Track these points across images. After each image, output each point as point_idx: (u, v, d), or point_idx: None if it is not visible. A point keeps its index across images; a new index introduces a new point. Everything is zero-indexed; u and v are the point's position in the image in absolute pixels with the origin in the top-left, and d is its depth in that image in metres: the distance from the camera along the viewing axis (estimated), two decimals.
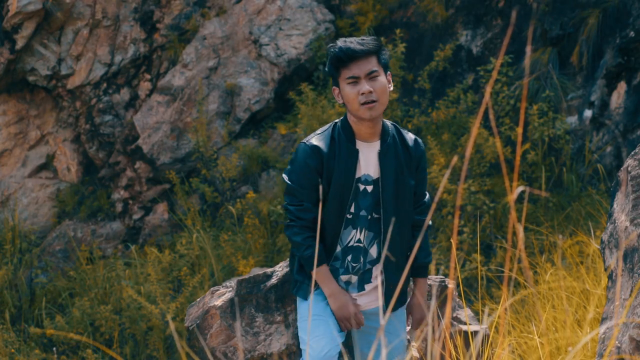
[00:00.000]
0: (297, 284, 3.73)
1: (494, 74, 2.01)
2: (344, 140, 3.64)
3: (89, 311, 8.72)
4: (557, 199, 8.11)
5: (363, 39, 3.62)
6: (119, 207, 10.29)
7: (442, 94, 9.42)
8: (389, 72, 3.67)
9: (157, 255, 9.15)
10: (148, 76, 10.62)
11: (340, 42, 3.62)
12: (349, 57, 3.58)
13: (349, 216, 3.66)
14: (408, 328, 3.84)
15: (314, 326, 3.61)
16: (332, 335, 3.60)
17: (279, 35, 10.25)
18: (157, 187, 10.20)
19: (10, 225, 10.13)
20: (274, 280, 4.14)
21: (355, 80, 3.58)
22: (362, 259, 3.69)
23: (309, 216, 3.62)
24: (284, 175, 3.72)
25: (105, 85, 10.56)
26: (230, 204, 9.55)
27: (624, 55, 8.26)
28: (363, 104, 3.56)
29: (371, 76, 3.59)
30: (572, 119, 8.56)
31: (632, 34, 8.26)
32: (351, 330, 3.80)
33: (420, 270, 3.78)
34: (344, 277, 3.70)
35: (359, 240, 3.69)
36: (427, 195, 3.83)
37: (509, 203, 8.10)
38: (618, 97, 8.25)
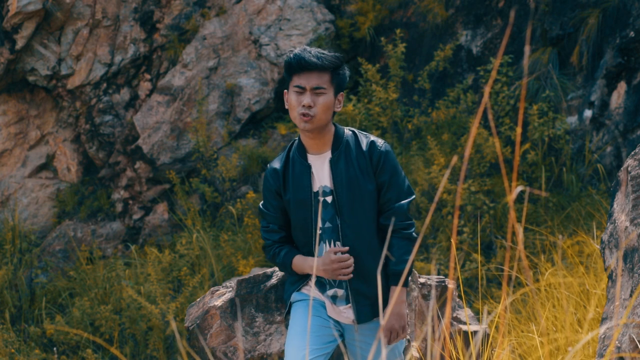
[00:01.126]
0: (285, 305, 3.85)
1: (493, 74, 2.01)
2: (297, 157, 3.69)
3: (89, 311, 8.72)
4: (557, 199, 8.11)
5: (323, 54, 3.60)
6: (119, 207, 10.29)
7: (442, 94, 9.42)
8: (341, 93, 3.64)
9: (157, 255, 9.15)
10: (148, 76, 10.62)
11: (299, 50, 3.63)
12: (300, 66, 3.58)
13: (320, 231, 3.67)
14: (383, 340, 3.72)
15: (297, 338, 3.62)
16: (313, 347, 3.61)
17: (279, 35, 10.25)
18: (157, 187, 10.20)
19: (10, 225, 10.13)
20: (274, 281, 4.14)
21: (301, 90, 3.59)
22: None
23: (275, 237, 3.75)
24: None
25: (105, 85, 10.56)
26: (230, 204, 9.56)
27: (624, 55, 8.26)
28: (301, 114, 3.57)
29: (316, 91, 3.58)
30: (572, 119, 8.56)
31: (632, 34, 8.26)
32: (345, 344, 3.78)
33: (391, 278, 3.64)
34: (330, 292, 3.71)
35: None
36: (406, 201, 3.66)
37: (509, 203, 8.10)
38: (618, 97, 8.25)
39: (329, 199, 3.65)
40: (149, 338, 8.43)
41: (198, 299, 4.35)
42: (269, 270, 4.22)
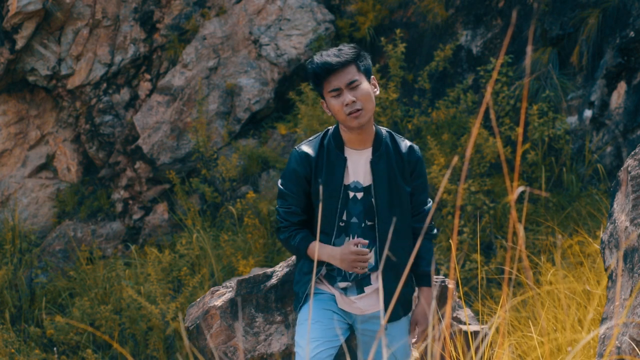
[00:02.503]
0: (296, 296, 3.80)
1: (494, 74, 2.01)
2: (333, 148, 3.67)
3: (89, 311, 8.72)
4: (557, 199, 8.11)
5: (340, 49, 3.62)
6: (119, 207, 10.29)
7: (442, 94, 9.42)
8: (372, 77, 3.67)
9: (157, 255, 9.14)
10: (148, 76, 10.62)
11: (317, 57, 3.62)
12: (326, 70, 3.58)
13: (341, 224, 3.68)
14: (413, 340, 3.79)
15: (306, 330, 3.63)
16: (322, 339, 3.61)
17: (279, 35, 10.25)
18: (157, 187, 10.20)
19: (10, 225, 10.13)
20: (274, 281, 4.14)
21: (338, 92, 3.59)
22: None
23: (295, 219, 3.71)
24: (279, 180, 3.79)
25: (105, 85, 10.56)
26: (230, 204, 9.55)
27: (624, 55, 8.26)
28: (349, 114, 3.57)
29: (352, 86, 3.58)
30: (572, 119, 8.56)
31: (632, 34, 8.26)
32: (355, 334, 3.79)
33: (422, 279, 3.76)
34: (341, 284, 3.71)
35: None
36: (430, 203, 3.81)
37: (509, 203, 8.10)
38: (618, 97, 8.25)
39: (360, 195, 3.67)
40: (149, 338, 8.43)
41: (198, 299, 4.35)
42: (269, 270, 4.22)
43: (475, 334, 4.24)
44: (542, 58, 8.82)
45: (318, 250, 3.64)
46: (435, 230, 3.81)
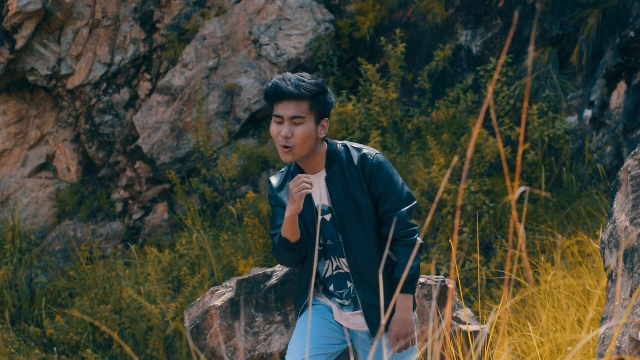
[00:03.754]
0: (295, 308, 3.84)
1: (496, 74, 2.01)
2: (295, 176, 3.65)
3: (89, 311, 8.72)
4: (557, 199, 8.11)
5: (303, 81, 3.52)
6: (119, 207, 10.29)
7: (442, 94, 9.42)
8: (325, 119, 3.57)
9: (157, 255, 9.14)
10: (148, 76, 10.62)
11: (278, 78, 3.56)
12: (277, 95, 3.53)
13: (320, 248, 3.65)
14: (392, 348, 3.66)
15: (300, 337, 3.63)
16: (313, 346, 3.61)
17: (279, 35, 10.25)
18: (157, 187, 10.20)
19: (10, 225, 10.13)
20: (274, 281, 4.14)
21: (280, 120, 3.55)
22: (349, 284, 3.67)
23: (280, 230, 3.70)
24: None
25: (105, 85, 10.55)
26: (230, 204, 9.55)
27: (624, 55, 8.26)
28: (281, 145, 3.54)
29: (295, 121, 3.52)
30: (572, 119, 8.56)
31: (632, 34, 8.26)
32: (356, 350, 3.78)
33: (395, 286, 3.59)
34: (337, 300, 3.71)
35: (337, 268, 3.68)
36: (405, 208, 3.59)
37: (510, 203, 8.10)
38: (618, 97, 8.25)
39: (328, 217, 3.64)
40: (149, 338, 8.43)
41: (198, 299, 4.34)
42: (269, 270, 4.22)
43: (475, 334, 4.24)
44: (542, 58, 8.82)
45: (284, 224, 3.58)
46: (415, 236, 3.57)
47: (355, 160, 3.60)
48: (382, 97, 9.24)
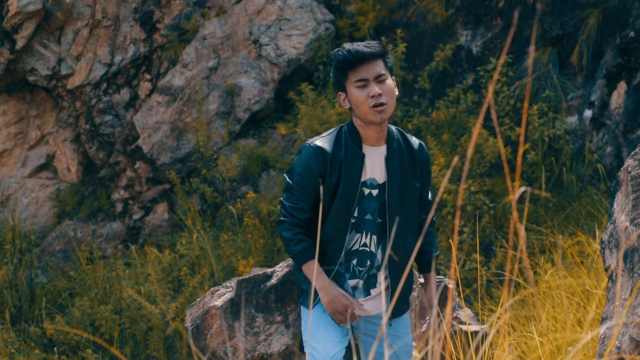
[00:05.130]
0: (304, 293, 3.73)
1: (496, 74, 2.02)
2: (350, 144, 3.62)
3: (89, 311, 8.72)
4: (557, 199, 8.11)
5: (369, 43, 3.61)
6: (119, 207, 10.29)
7: (442, 94, 9.43)
8: (393, 77, 3.66)
9: (157, 255, 9.15)
10: (148, 76, 10.62)
11: (348, 46, 3.60)
12: (357, 59, 3.55)
13: (352, 220, 3.63)
14: (424, 327, 3.78)
15: (321, 330, 3.61)
16: (336, 339, 3.60)
17: (279, 35, 10.25)
18: (157, 187, 10.21)
19: (10, 225, 10.13)
20: (274, 281, 4.14)
21: (365, 83, 3.56)
22: (368, 263, 3.67)
23: (302, 216, 3.62)
24: (285, 174, 3.70)
25: (105, 85, 10.56)
26: (230, 204, 9.56)
27: (624, 55, 8.26)
28: (373, 106, 3.54)
29: (379, 79, 3.56)
30: (572, 119, 8.56)
31: (632, 34, 8.26)
32: (356, 336, 3.78)
33: (429, 265, 3.78)
34: (351, 282, 3.68)
35: (364, 245, 3.66)
36: (430, 194, 3.85)
37: (510, 203, 8.10)
38: (618, 97, 8.25)
39: (375, 192, 3.64)
40: (149, 338, 8.43)
41: (198, 299, 4.34)
42: (269, 270, 4.22)
43: (476, 334, 4.25)
44: (542, 58, 8.82)
45: (312, 274, 3.58)
46: (434, 218, 3.87)
47: (415, 145, 3.73)
48: None
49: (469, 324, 4.34)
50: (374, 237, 3.66)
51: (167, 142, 10.07)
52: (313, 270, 3.57)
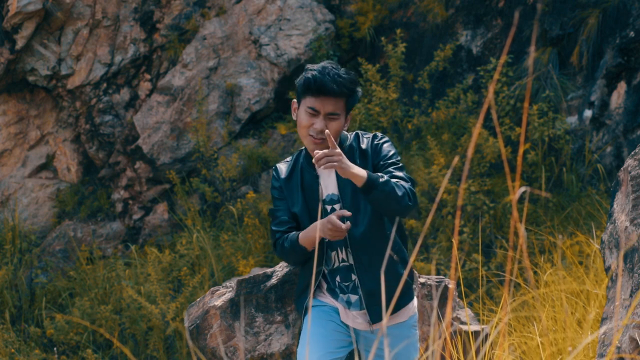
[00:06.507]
0: (296, 298, 3.80)
1: (496, 74, 2.02)
2: (306, 167, 3.66)
3: (89, 311, 8.72)
4: (557, 199, 8.11)
5: (341, 77, 3.53)
6: (119, 207, 10.29)
7: (442, 94, 9.42)
8: (350, 114, 3.64)
9: (157, 255, 9.15)
10: (148, 76, 10.62)
11: (317, 70, 3.54)
12: (318, 91, 3.53)
13: (326, 240, 3.62)
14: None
15: (311, 341, 3.60)
16: (326, 351, 3.57)
17: (279, 35, 10.25)
18: (157, 187, 10.20)
19: (10, 225, 10.13)
20: (274, 281, 4.14)
21: (315, 113, 3.55)
22: (354, 277, 3.65)
23: (284, 227, 3.68)
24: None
25: (105, 85, 10.56)
26: (231, 204, 9.56)
27: (624, 55, 8.26)
28: (311, 136, 3.55)
29: (330, 117, 3.55)
30: (572, 119, 8.56)
31: (632, 34, 8.26)
32: (359, 349, 3.75)
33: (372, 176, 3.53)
34: (344, 297, 3.68)
35: (343, 260, 3.65)
36: (403, 173, 3.58)
37: (510, 203, 8.10)
38: (618, 97, 8.25)
39: (337, 206, 3.63)
40: (149, 338, 8.43)
41: (198, 299, 4.34)
42: (269, 270, 4.22)
43: (476, 334, 4.25)
44: (542, 58, 8.82)
45: (306, 231, 3.58)
46: (409, 185, 3.51)
47: (364, 144, 3.64)
48: (382, 97, 9.23)
49: (470, 324, 4.34)
50: (349, 250, 3.63)
51: (167, 142, 10.07)
52: (305, 232, 3.59)
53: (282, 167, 3.74)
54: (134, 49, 10.58)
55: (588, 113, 8.43)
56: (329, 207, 3.63)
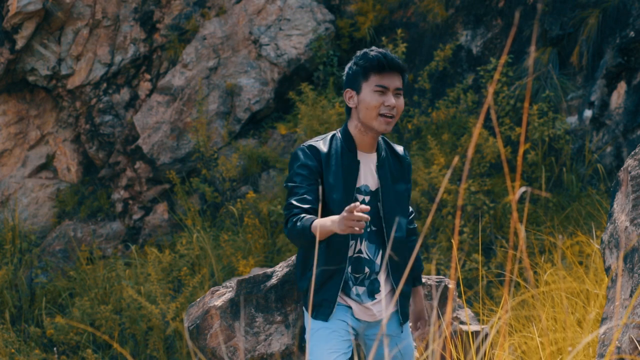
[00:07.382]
0: (303, 293, 3.70)
1: (496, 74, 2.02)
2: (345, 150, 3.61)
3: (89, 311, 8.72)
4: (557, 199, 8.11)
5: (394, 55, 3.66)
6: (119, 207, 10.29)
7: (442, 94, 9.43)
8: None
9: (157, 255, 9.15)
10: (148, 76, 10.62)
11: (377, 52, 3.61)
12: (388, 66, 3.56)
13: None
14: (417, 339, 3.82)
15: (324, 340, 3.57)
16: (342, 351, 3.56)
17: (279, 35, 10.25)
18: (157, 187, 10.20)
19: (10, 225, 10.13)
20: (274, 281, 4.13)
21: (384, 90, 3.57)
22: (366, 270, 3.64)
23: (306, 206, 3.46)
24: (285, 184, 3.60)
25: (105, 85, 10.56)
26: (231, 204, 9.56)
27: (624, 55, 8.26)
28: (382, 115, 3.55)
29: (397, 92, 3.60)
30: (572, 119, 8.56)
31: (632, 34, 8.26)
32: (362, 342, 3.76)
33: (419, 278, 3.89)
34: (354, 290, 3.66)
35: (359, 251, 3.63)
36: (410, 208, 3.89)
37: (510, 203, 8.10)
38: (618, 97, 8.25)
39: (367, 198, 3.63)
40: (149, 338, 8.43)
41: (198, 299, 4.34)
42: (269, 270, 4.22)
43: (476, 334, 4.25)
44: (542, 58, 8.82)
45: (322, 222, 3.35)
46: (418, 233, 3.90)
47: (400, 151, 3.78)
48: None
49: (470, 324, 4.34)
50: (368, 244, 3.63)
51: (167, 142, 10.07)
52: (320, 222, 3.36)
53: (319, 145, 3.60)
54: (134, 49, 10.58)
55: (588, 113, 8.43)
56: (360, 197, 3.61)
